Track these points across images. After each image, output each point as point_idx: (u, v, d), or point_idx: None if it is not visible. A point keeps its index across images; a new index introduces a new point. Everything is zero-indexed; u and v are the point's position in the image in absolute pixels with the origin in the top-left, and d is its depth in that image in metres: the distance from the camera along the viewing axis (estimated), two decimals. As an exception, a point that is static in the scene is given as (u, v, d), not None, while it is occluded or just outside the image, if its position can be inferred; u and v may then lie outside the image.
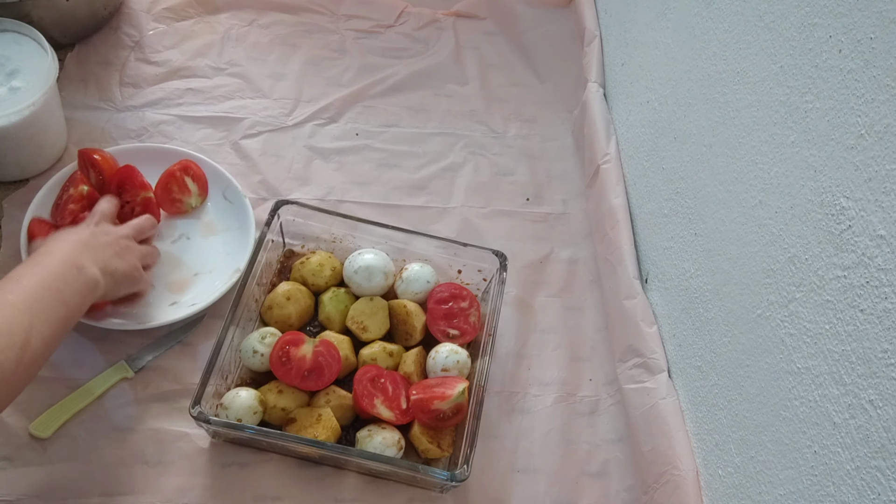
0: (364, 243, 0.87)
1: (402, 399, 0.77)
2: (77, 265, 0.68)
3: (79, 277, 0.68)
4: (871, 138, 0.52)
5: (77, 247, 0.70)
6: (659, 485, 0.75)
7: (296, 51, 1.11)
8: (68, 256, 0.68)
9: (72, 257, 0.69)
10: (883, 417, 0.49)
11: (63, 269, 0.67)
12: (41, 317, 0.62)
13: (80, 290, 0.67)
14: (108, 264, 0.72)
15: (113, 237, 0.76)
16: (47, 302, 0.63)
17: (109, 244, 0.75)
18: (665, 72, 0.88)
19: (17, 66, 0.84)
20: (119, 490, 0.73)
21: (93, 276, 0.69)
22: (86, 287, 0.68)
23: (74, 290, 0.67)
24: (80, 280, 0.68)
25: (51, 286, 0.64)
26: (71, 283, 0.67)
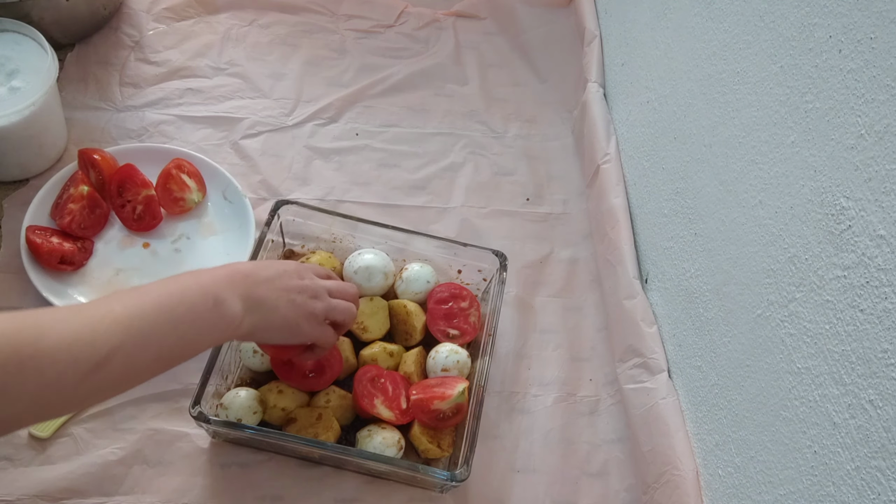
0: (364, 243, 0.87)
1: (402, 399, 0.77)
2: (216, 296, 0.60)
3: (211, 310, 0.59)
4: (871, 138, 0.52)
5: (234, 277, 0.62)
6: (659, 485, 0.75)
7: (296, 51, 1.11)
8: (213, 284, 0.61)
9: (216, 286, 0.60)
10: (883, 417, 0.49)
11: (196, 297, 0.59)
12: (139, 339, 0.55)
13: (205, 324, 0.59)
14: (266, 304, 0.64)
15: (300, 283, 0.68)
16: (156, 326, 0.56)
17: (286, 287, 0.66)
18: (665, 72, 0.88)
19: (17, 66, 0.85)
20: (119, 490, 0.73)
21: (230, 313, 0.61)
22: (217, 322, 0.60)
23: (199, 322, 0.59)
24: (212, 314, 0.60)
25: (170, 310, 0.57)
26: (198, 314, 0.59)
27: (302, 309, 0.68)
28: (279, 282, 0.67)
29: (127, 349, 0.54)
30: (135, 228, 0.88)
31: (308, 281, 0.70)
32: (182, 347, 0.59)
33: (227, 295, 0.61)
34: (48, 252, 0.81)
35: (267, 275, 0.66)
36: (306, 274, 0.71)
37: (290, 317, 0.67)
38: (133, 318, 0.55)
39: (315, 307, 0.69)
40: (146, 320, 0.55)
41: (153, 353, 0.56)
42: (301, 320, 0.68)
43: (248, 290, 0.63)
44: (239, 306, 0.62)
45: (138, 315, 0.55)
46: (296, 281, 0.68)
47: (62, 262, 0.83)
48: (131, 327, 0.54)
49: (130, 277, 0.85)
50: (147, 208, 0.88)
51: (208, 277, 0.61)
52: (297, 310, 0.67)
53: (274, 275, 0.67)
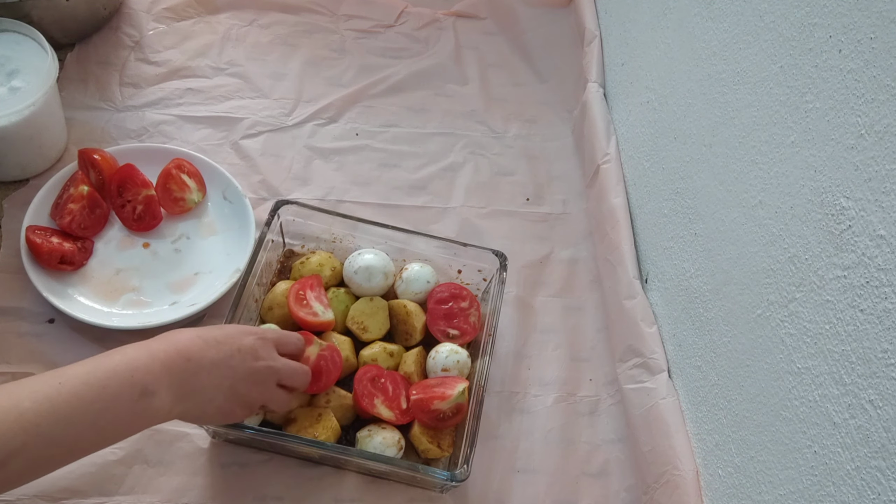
0: (364, 243, 0.87)
1: (402, 399, 0.77)
2: (143, 387, 0.55)
3: (135, 402, 0.55)
4: (871, 138, 0.52)
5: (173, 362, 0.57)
6: (659, 485, 0.75)
7: (296, 51, 1.11)
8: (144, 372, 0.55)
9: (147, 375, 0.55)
10: (883, 417, 0.49)
11: (120, 388, 0.54)
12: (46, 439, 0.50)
13: (127, 418, 0.55)
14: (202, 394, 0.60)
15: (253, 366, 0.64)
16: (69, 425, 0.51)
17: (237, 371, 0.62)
18: (665, 72, 0.88)
19: (17, 66, 0.85)
20: (119, 490, 0.73)
21: (156, 406, 0.56)
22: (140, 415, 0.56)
23: (120, 416, 0.54)
24: (136, 406, 0.55)
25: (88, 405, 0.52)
26: (120, 407, 0.54)
27: (239, 400, 0.64)
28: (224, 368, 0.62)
29: (30, 451, 0.49)
30: (135, 228, 0.88)
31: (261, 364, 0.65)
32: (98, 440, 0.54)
33: (157, 386, 0.56)
34: (48, 252, 0.81)
35: (213, 357, 0.61)
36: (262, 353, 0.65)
37: (224, 408, 0.63)
38: (42, 417, 0.49)
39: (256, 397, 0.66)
40: (58, 419, 0.50)
41: (64, 448, 0.52)
42: (235, 410, 0.64)
43: (185, 378, 0.58)
44: (168, 398, 0.57)
45: (49, 413, 0.50)
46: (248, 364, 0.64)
47: (62, 262, 0.83)
48: (39, 426, 0.49)
49: (130, 277, 0.85)
50: (147, 208, 0.88)
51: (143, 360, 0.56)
52: (233, 400, 0.63)
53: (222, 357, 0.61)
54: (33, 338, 0.80)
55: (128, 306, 0.83)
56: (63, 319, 0.81)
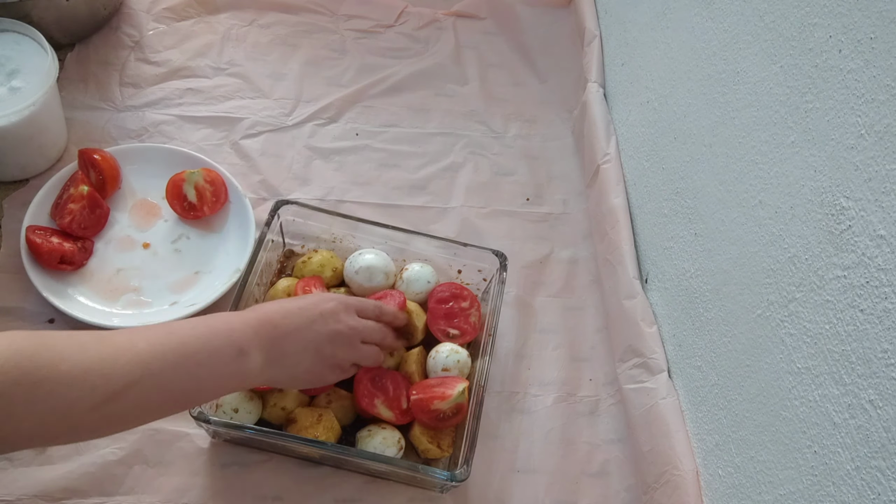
0: (364, 243, 0.87)
1: (402, 399, 0.77)
2: (240, 347, 0.60)
3: (233, 360, 0.59)
4: (871, 138, 0.52)
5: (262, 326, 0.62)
6: (659, 485, 0.75)
7: (296, 51, 1.11)
8: (240, 334, 0.60)
9: (242, 337, 0.60)
10: (883, 417, 0.49)
11: (221, 344, 0.59)
12: (157, 380, 0.54)
13: (225, 373, 0.59)
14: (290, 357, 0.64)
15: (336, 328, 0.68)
16: (176, 368, 0.55)
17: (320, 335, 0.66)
18: (665, 72, 0.88)
19: (17, 66, 0.85)
20: (119, 490, 0.73)
21: (251, 366, 0.61)
22: (236, 373, 0.60)
23: (219, 370, 0.59)
24: (233, 364, 0.59)
25: (193, 354, 0.57)
26: (220, 362, 0.58)
27: (327, 361, 0.68)
28: (308, 332, 0.66)
29: (143, 386, 0.53)
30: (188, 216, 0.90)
31: (342, 325, 0.69)
32: (198, 392, 0.59)
33: (250, 347, 0.61)
34: (48, 252, 0.81)
35: (297, 323, 0.65)
36: (343, 316, 0.70)
37: (314, 371, 0.68)
38: (155, 356, 0.54)
39: (343, 357, 0.70)
40: (167, 360, 0.55)
41: (168, 393, 0.56)
42: (325, 372, 0.69)
43: (274, 343, 0.63)
44: (260, 360, 0.61)
45: (160, 354, 0.55)
46: (330, 326, 0.68)
47: (62, 261, 0.83)
48: (151, 365, 0.54)
49: (130, 277, 0.85)
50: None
51: (238, 323, 0.61)
52: (321, 363, 0.68)
53: (305, 323, 0.66)
54: (33, 338, 0.80)
55: (128, 306, 0.83)
56: (63, 319, 0.81)
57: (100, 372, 0.51)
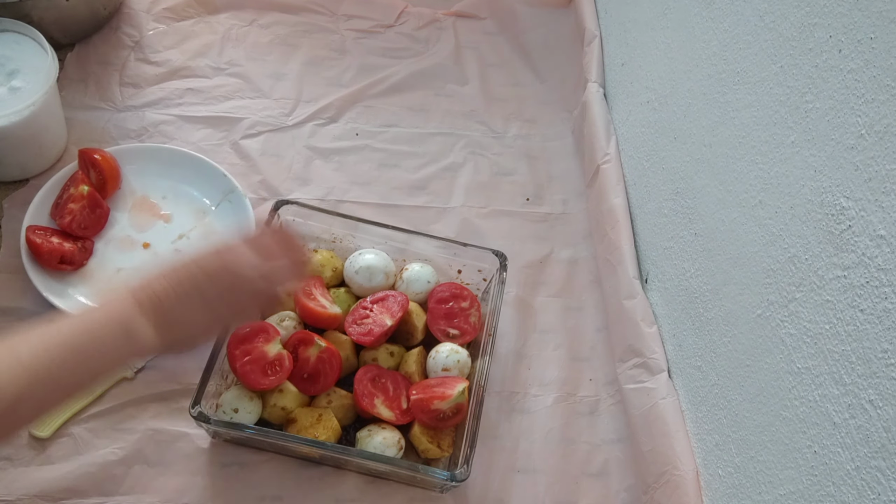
0: (364, 243, 0.87)
1: (402, 399, 0.77)
2: (127, 327, 0.57)
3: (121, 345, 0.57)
4: (871, 138, 0.52)
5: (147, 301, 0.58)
6: (659, 485, 0.75)
7: (296, 51, 1.11)
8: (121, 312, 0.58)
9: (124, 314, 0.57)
10: (883, 417, 0.49)
11: (106, 332, 0.57)
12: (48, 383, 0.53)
13: (115, 355, 0.58)
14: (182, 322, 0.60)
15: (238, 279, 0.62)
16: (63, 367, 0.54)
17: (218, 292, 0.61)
18: (665, 72, 0.88)
19: (17, 66, 0.85)
20: (119, 490, 0.73)
21: (142, 343, 0.58)
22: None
23: (108, 355, 0.57)
24: (123, 347, 0.57)
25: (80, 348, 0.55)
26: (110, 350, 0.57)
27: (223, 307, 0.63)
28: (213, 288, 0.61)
29: (33, 393, 0.52)
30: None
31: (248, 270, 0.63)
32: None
33: (136, 322, 0.58)
34: (48, 252, 0.81)
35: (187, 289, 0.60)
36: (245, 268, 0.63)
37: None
38: (40, 362, 0.53)
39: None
40: (53, 363, 0.54)
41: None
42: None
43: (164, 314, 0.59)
44: (150, 331, 0.58)
45: (45, 358, 0.53)
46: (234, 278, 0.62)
47: (62, 261, 0.83)
48: (38, 372, 0.53)
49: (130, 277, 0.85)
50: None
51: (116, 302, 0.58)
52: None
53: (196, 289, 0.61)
54: (33, 338, 0.80)
55: (128, 306, 0.83)
56: (63, 319, 0.81)
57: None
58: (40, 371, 0.53)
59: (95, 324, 0.57)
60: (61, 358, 0.54)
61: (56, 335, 0.55)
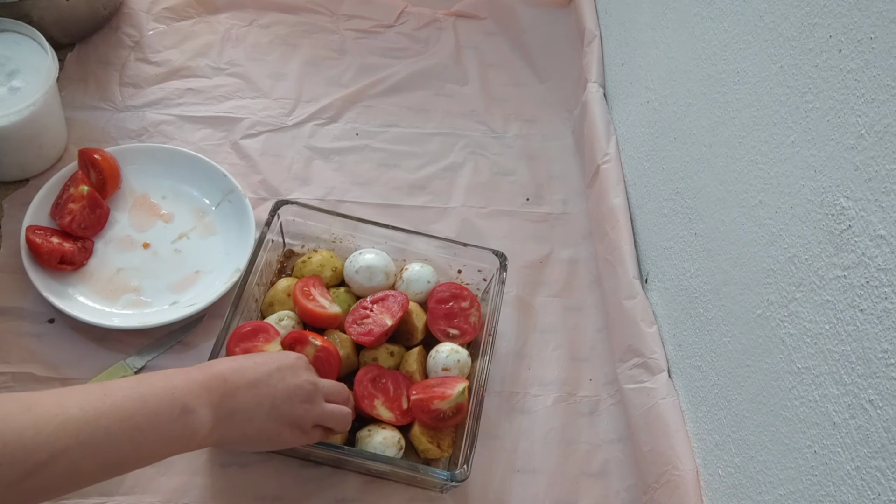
0: (364, 243, 0.87)
1: (402, 399, 0.77)
2: (184, 405, 0.55)
3: (175, 421, 0.55)
4: (871, 138, 0.52)
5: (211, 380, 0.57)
6: (659, 485, 0.75)
7: (296, 51, 1.11)
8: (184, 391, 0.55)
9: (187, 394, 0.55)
10: (883, 417, 0.49)
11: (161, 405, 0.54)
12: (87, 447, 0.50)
13: (167, 436, 0.55)
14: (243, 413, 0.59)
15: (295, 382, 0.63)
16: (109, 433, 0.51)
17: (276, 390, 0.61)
18: (665, 72, 0.88)
19: (17, 66, 0.85)
20: (119, 490, 0.73)
21: (197, 425, 0.56)
22: (180, 434, 0.55)
23: (160, 433, 0.54)
24: (176, 425, 0.55)
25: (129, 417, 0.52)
26: (160, 423, 0.54)
27: (286, 419, 0.63)
28: (264, 387, 0.61)
29: (71, 455, 0.49)
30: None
31: (302, 380, 0.64)
32: (136, 458, 0.55)
33: (197, 404, 0.56)
34: (48, 252, 0.81)
35: (251, 377, 0.60)
36: (303, 372, 0.65)
37: (269, 428, 0.62)
38: (87, 422, 0.50)
39: (303, 415, 0.64)
40: (100, 425, 0.51)
41: (101, 461, 0.52)
42: (283, 430, 0.63)
43: (224, 398, 0.58)
44: (209, 417, 0.57)
45: (93, 419, 0.51)
46: (287, 381, 0.63)
47: (62, 261, 0.83)
48: (81, 432, 0.50)
49: (130, 277, 0.85)
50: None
51: (181, 381, 0.56)
52: (279, 420, 0.62)
53: (259, 377, 0.61)
54: (33, 338, 0.80)
55: (128, 306, 0.83)
56: (63, 319, 0.81)
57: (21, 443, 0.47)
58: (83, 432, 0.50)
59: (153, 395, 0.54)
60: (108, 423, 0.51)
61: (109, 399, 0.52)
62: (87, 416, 0.50)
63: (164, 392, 0.55)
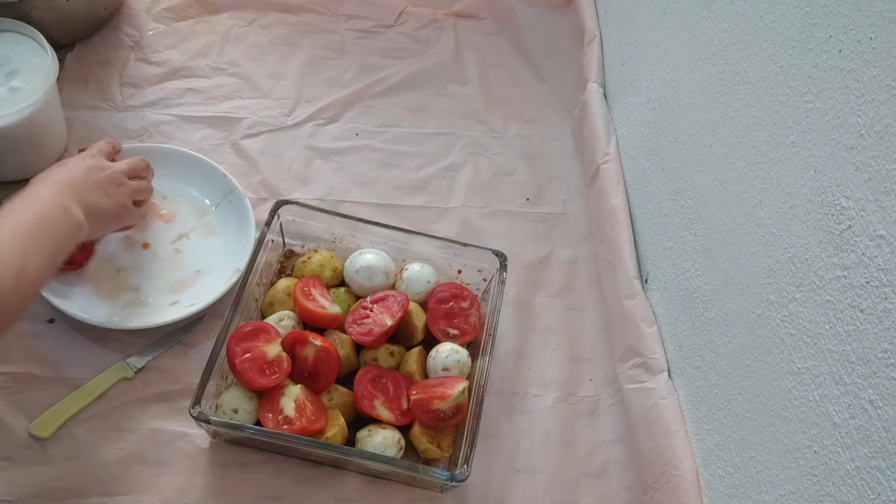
0: (364, 243, 0.87)
1: (402, 399, 0.77)
2: (63, 205, 0.69)
3: (65, 217, 0.69)
4: (871, 138, 0.52)
5: (64, 187, 0.71)
6: (659, 485, 0.75)
7: (296, 51, 1.11)
8: (56, 196, 0.70)
9: (59, 197, 0.70)
10: (883, 417, 0.49)
11: (51, 207, 0.68)
12: (33, 249, 0.64)
13: (66, 230, 0.69)
14: (93, 205, 0.73)
15: (104, 175, 0.77)
16: (38, 236, 0.65)
17: (98, 183, 0.75)
18: (665, 72, 0.88)
19: (17, 66, 0.85)
20: (119, 490, 0.73)
21: (77, 218, 0.70)
22: (71, 227, 0.70)
23: (62, 228, 0.69)
24: (67, 220, 0.69)
25: (41, 222, 0.66)
26: (59, 221, 0.68)
27: (117, 198, 0.77)
28: (91, 181, 0.75)
29: (30, 258, 0.63)
30: None
31: (108, 171, 0.77)
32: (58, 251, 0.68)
33: (69, 203, 0.70)
34: (48, 252, 0.81)
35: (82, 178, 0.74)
36: (102, 163, 0.78)
37: (113, 209, 0.76)
38: (20, 233, 0.64)
39: (125, 195, 0.78)
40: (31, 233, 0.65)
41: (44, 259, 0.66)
42: (120, 209, 0.77)
43: (80, 195, 0.72)
44: (79, 210, 0.71)
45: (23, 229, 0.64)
46: (102, 174, 0.76)
47: (62, 261, 0.82)
48: (24, 239, 0.64)
49: (130, 277, 0.85)
50: None
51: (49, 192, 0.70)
52: (114, 200, 0.76)
53: (84, 175, 0.74)
54: (33, 338, 0.80)
55: (128, 306, 0.83)
56: (63, 319, 0.81)
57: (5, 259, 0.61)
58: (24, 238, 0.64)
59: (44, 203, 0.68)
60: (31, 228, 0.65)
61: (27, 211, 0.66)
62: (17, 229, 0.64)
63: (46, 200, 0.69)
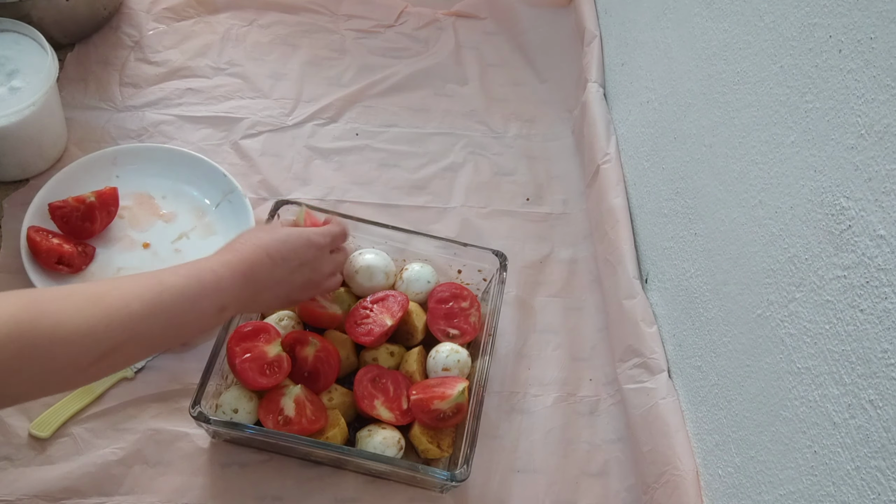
0: (364, 243, 0.87)
1: (403, 399, 0.77)
2: (222, 306, 0.64)
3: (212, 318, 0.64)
4: (871, 138, 0.52)
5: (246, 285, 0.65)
6: (659, 485, 0.75)
7: (296, 51, 1.11)
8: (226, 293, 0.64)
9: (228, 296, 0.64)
10: (883, 417, 0.49)
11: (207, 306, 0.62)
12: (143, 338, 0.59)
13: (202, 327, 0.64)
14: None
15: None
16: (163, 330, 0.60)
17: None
18: (665, 72, 0.88)
19: (17, 66, 0.85)
20: (119, 490, 0.73)
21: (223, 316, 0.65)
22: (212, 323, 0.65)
23: (198, 326, 0.64)
24: (211, 320, 0.64)
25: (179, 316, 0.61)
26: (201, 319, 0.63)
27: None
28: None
29: (130, 345, 0.58)
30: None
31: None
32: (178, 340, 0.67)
33: (231, 302, 0.65)
34: (46, 251, 0.81)
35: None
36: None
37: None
38: (144, 319, 0.58)
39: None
40: (157, 322, 0.59)
41: (152, 347, 0.62)
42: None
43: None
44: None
45: (150, 314, 0.58)
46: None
47: (60, 262, 0.82)
48: (137, 328, 0.58)
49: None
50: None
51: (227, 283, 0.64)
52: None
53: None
54: (33, 338, 0.80)
55: (128, 306, 0.83)
56: (63, 319, 0.81)
57: (96, 335, 0.55)
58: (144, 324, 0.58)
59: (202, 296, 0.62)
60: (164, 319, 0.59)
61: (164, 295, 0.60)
62: (145, 312, 0.58)
63: (212, 292, 0.63)
